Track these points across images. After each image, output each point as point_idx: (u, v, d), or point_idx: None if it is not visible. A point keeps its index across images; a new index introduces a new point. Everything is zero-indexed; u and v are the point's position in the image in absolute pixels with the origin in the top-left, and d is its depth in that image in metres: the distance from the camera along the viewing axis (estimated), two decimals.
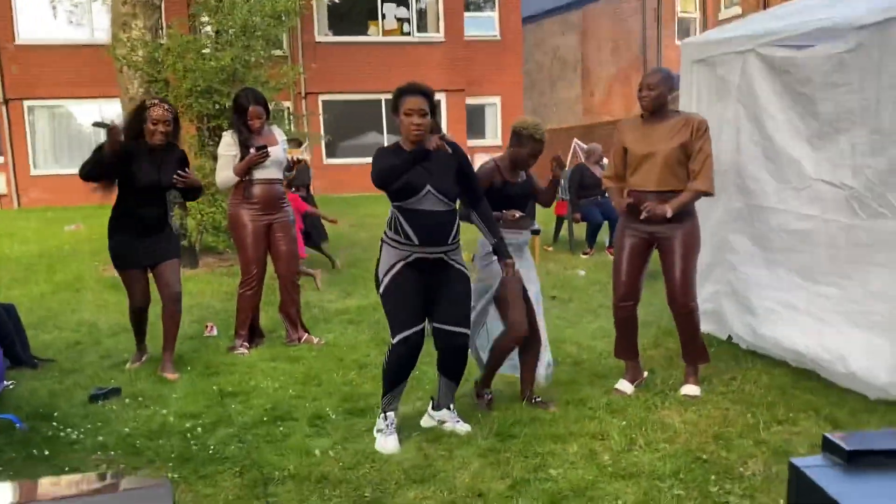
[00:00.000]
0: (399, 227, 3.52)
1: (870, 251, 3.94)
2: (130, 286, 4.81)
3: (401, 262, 3.53)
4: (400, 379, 3.60)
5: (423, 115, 3.48)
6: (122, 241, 4.70)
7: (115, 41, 8.47)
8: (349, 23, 17.86)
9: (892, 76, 3.72)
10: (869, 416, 3.71)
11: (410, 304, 3.52)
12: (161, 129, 4.59)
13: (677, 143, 3.98)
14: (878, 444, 1.11)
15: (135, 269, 4.77)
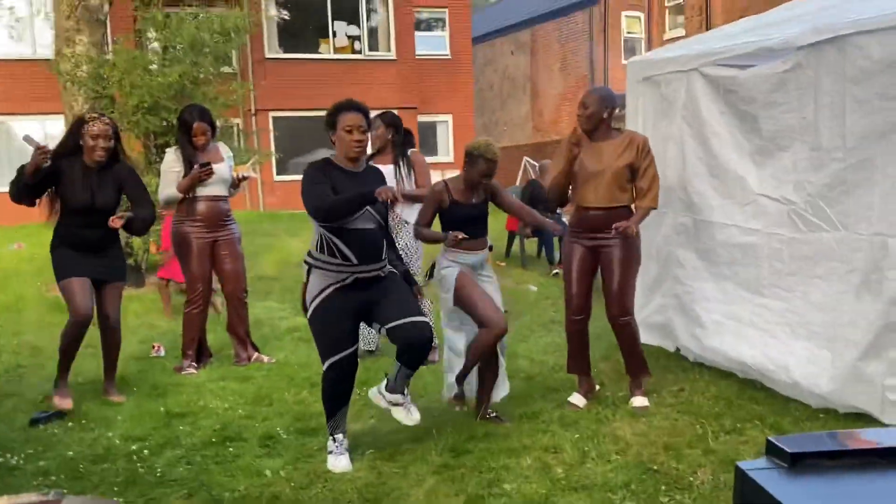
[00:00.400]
0: (333, 248, 3.42)
1: (810, 264, 4.07)
2: (73, 295, 4.31)
3: (333, 286, 3.44)
4: (339, 404, 3.54)
5: (363, 132, 3.46)
6: (65, 253, 4.39)
7: (59, 57, 8.30)
8: (300, 40, 17.81)
9: (828, 95, 3.86)
10: (811, 423, 3.81)
11: (339, 328, 3.44)
12: (101, 146, 4.30)
13: (625, 161, 4.07)
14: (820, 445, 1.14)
15: (78, 277, 4.35)
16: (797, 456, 1.10)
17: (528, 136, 23.22)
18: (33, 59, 14.96)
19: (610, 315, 4.20)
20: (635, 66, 5.44)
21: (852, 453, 1.10)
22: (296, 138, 17.28)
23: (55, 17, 8.59)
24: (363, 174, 3.54)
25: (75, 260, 4.37)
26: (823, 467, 1.08)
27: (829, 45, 3.81)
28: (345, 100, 3.53)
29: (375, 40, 18.36)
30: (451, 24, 19.83)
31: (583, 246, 4.21)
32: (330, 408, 3.55)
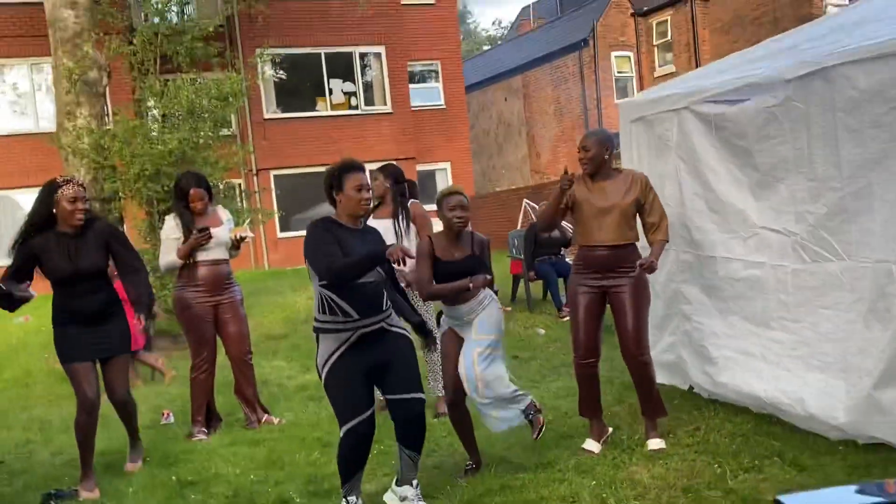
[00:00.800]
0: (333, 306, 3.43)
1: (817, 294, 4.05)
2: (78, 382, 4.20)
3: (341, 349, 3.44)
4: (355, 468, 3.51)
5: (369, 191, 3.54)
6: (66, 332, 4.21)
7: (61, 130, 8.44)
8: (297, 99, 18.08)
9: (819, 126, 3.89)
10: (831, 457, 3.74)
11: (353, 392, 3.43)
12: (80, 207, 4.09)
13: (632, 197, 4.15)
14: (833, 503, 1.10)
15: (81, 363, 4.21)
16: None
17: (527, 179, 23.37)
18: (36, 133, 15.18)
19: (628, 355, 4.17)
20: (626, 107, 5.50)
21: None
22: (297, 195, 17.41)
23: (55, 92, 8.76)
24: (363, 231, 3.59)
25: (76, 340, 4.20)
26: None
27: (816, 77, 3.86)
28: (347, 160, 3.58)
29: (371, 95, 18.62)
30: (443, 75, 20.12)
31: (589, 287, 4.20)
32: (345, 472, 3.52)
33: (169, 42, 11.53)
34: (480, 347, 3.90)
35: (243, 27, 16.86)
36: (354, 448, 3.46)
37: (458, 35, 20.88)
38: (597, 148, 4.15)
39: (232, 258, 5.36)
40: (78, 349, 4.20)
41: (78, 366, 4.20)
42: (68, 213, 4.11)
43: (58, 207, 4.11)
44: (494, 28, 57.00)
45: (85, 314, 4.20)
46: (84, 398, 4.20)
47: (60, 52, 8.47)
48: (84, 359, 4.21)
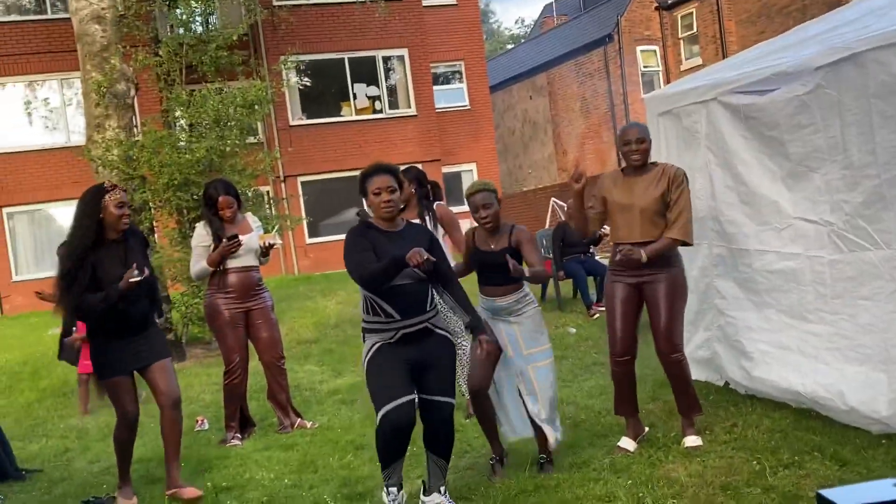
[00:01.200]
0: (376, 307, 3.49)
1: (855, 284, 3.95)
2: (119, 397, 4.09)
3: (381, 343, 3.50)
4: (393, 456, 3.50)
5: (392, 192, 3.53)
6: (108, 345, 4.07)
7: (90, 143, 8.56)
8: (322, 105, 18.19)
9: (852, 113, 3.80)
10: (874, 451, 3.65)
11: (392, 376, 3.44)
12: (127, 213, 4.05)
13: (656, 194, 4.03)
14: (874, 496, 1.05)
15: (123, 377, 4.10)
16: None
17: (554, 178, 23.25)
18: (68, 147, 15.46)
19: (660, 352, 4.11)
20: (653, 100, 5.43)
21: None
22: (325, 201, 17.52)
23: (85, 106, 8.89)
24: (403, 232, 3.59)
25: (118, 353, 4.08)
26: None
27: (848, 63, 3.77)
28: (372, 164, 3.61)
29: (395, 98, 18.67)
30: (467, 75, 20.11)
31: (625, 283, 4.14)
32: (384, 458, 3.51)
33: (194, 52, 11.66)
34: (536, 362, 3.97)
35: (267, 35, 17.00)
36: (389, 433, 3.42)
37: (480, 35, 20.85)
38: (649, 141, 4.11)
39: (261, 265, 5.39)
40: (119, 362, 4.09)
41: (119, 380, 4.09)
42: (115, 219, 4.02)
43: (105, 213, 4.02)
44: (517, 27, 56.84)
45: (131, 322, 4.08)
46: (125, 413, 4.12)
47: (89, 65, 8.60)
48: (125, 372, 4.12)
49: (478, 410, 4.10)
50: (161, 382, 4.17)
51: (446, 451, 3.62)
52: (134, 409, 4.14)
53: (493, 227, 3.99)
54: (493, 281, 4.00)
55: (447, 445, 3.61)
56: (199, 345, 8.87)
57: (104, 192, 4.04)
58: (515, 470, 4.02)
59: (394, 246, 3.47)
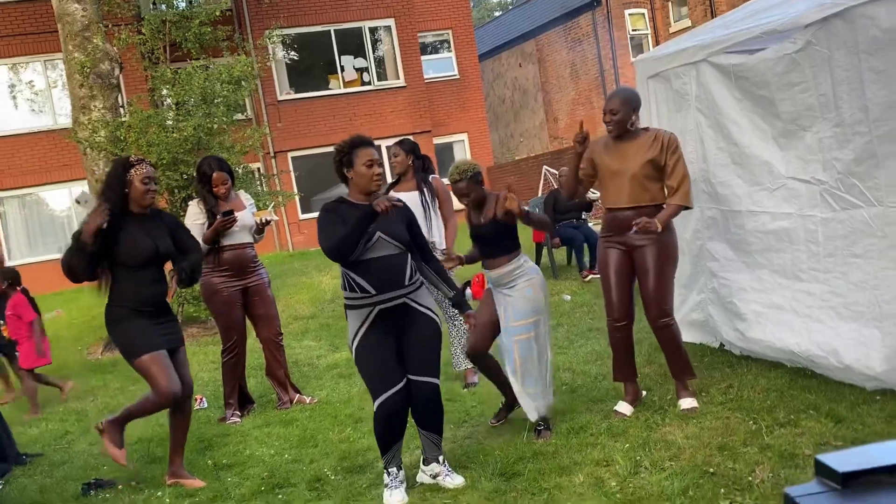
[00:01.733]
0: (352, 282, 3.44)
1: (847, 243, 3.95)
2: (156, 375, 3.82)
3: (365, 325, 3.45)
4: (391, 441, 3.50)
5: (381, 165, 3.50)
6: (133, 324, 3.86)
7: (77, 125, 8.47)
8: (309, 78, 18.00)
9: (843, 69, 3.77)
10: (869, 407, 3.68)
11: (382, 367, 3.43)
12: (152, 188, 3.91)
13: (646, 159, 4.02)
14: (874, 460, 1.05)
15: (152, 353, 3.85)
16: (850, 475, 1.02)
17: (546, 145, 23.15)
18: (55, 129, 15.31)
19: (649, 318, 4.12)
20: (642, 63, 5.38)
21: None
22: (316, 175, 17.42)
23: (69, 87, 8.78)
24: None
25: (145, 330, 3.87)
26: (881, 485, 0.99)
27: (838, 18, 3.73)
28: (355, 136, 3.55)
29: (383, 69, 18.49)
30: (455, 44, 19.91)
31: (617, 249, 4.14)
32: (383, 445, 3.52)
33: (177, 29, 11.51)
34: (519, 335, 3.98)
35: (251, 9, 16.78)
36: (387, 421, 3.44)
37: (468, 2, 20.58)
38: (624, 109, 4.05)
39: (256, 242, 5.37)
40: (147, 340, 3.86)
41: (149, 357, 3.84)
42: (141, 193, 3.91)
43: (130, 187, 3.90)
44: None
45: (155, 302, 3.93)
46: (163, 390, 3.83)
47: (70, 46, 8.48)
48: (158, 347, 3.88)
49: (481, 368, 4.26)
50: (183, 372, 4.02)
51: (435, 427, 3.62)
52: (175, 389, 3.86)
53: (475, 206, 4.07)
54: (484, 253, 4.09)
55: (434, 421, 3.61)
56: (194, 324, 8.87)
57: (130, 166, 3.92)
58: (513, 437, 4.04)
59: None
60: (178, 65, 10.33)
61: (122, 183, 3.90)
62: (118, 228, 3.84)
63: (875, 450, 1.12)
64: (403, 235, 3.51)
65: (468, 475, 3.63)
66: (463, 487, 3.52)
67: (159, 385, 3.83)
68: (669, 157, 4.03)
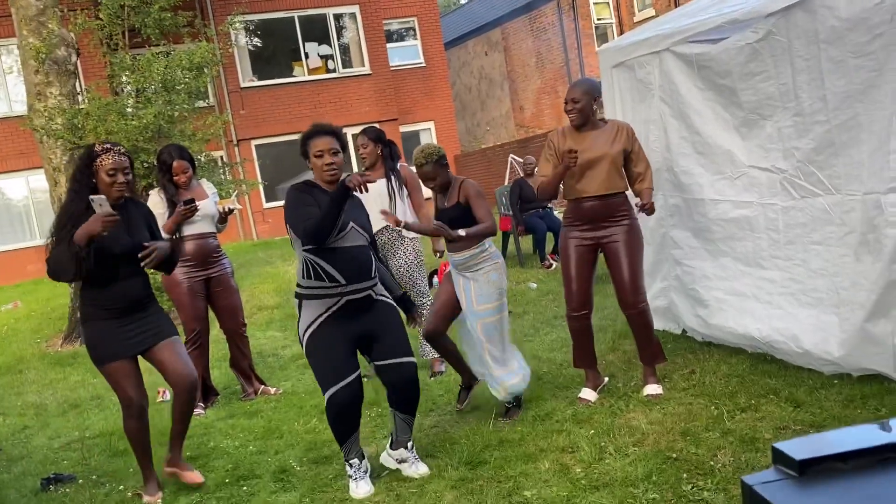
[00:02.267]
0: (319, 271, 3.36)
1: (807, 230, 4.02)
2: (120, 382, 3.63)
3: (324, 315, 3.38)
4: (347, 432, 3.45)
5: (335, 154, 3.43)
6: (101, 328, 3.60)
7: (32, 112, 8.26)
8: (273, 66, 17.78)
9: (803, 59, 3.82)
10: (826, 391, 3.76)
11: (336, 355, 3.36)
12: (121, 180, 3.52)
13: (620, 147, 4.12)
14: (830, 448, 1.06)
15: (122, 361, 3.62)
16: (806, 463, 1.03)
17: (512, 134, 23.19)
18: (10, 117, 14.93)
19: (625, 304, 4.16)
20: (606, 53, 5.40)
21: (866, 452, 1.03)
22: (280, 163, 17.25)
23: (24, 73, 8.55)
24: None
25: (113, 335, 3.61)
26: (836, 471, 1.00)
27: (797, 8, 3.77)
28: (313, 125, 3.50)
29: (348, 57, 18.34)
30: (421, 32, 19.81)
31: (580, 239, 4.18)
32: (339, 436, 3.48)
33: (136, 14, 11.25)
34: (483, 318, 4.01)
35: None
36: (341, 412, 3.38)
37: None
38: (585, 98, 4.10)
39: (219, 232, 5.29)
40: (116, 345, 3.61)
41: (117, 365, 3.61)
42: (106, 186, 3.53)
43: (97, 178, 3.55)
44: None
45: (132, 301, 3.63)
46: (129, 401, 3.65)
47: (25, 30, 8.25)
48: (123, 355, 3.62)
49: (438, 349, 4.30)
50: (172, 361, 3.71)
51: (413, 408, 3.61)
52: (138, 396, 3.66)
53: (441, 190, 4.09)
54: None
55: (414, 401, 3.59)
56: None
57: (95, 156, 3.54)
58: (479, 425, 4.05)
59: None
60: (137, 51, 10.12)
61: (87, 175, 3.54)
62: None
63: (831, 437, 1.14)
64: (369, 227, 3.52)
65: (434, 464, 3.63)
66: (429, 476, 3.52)
67: (120, 394, 3.66)
68: (634, 145, 4.16)
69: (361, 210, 3.53)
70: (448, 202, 4.08)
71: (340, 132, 3.50)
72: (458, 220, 4.01)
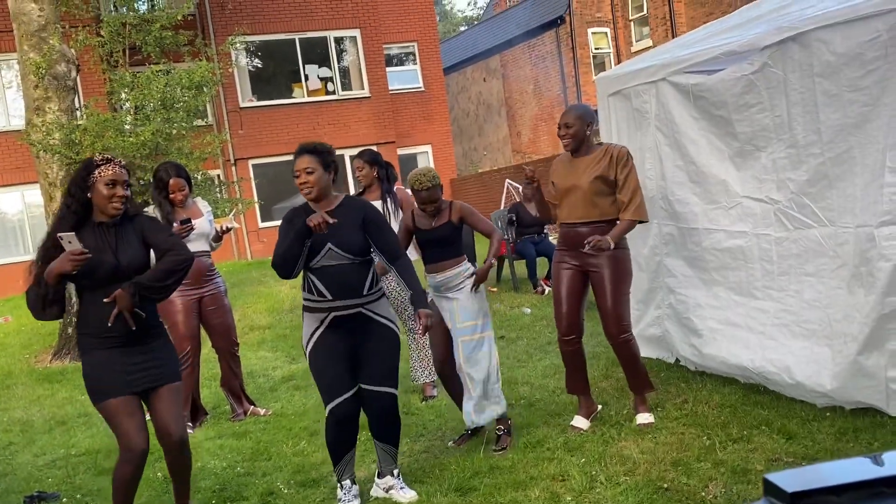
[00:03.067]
0: (311, 285, 3.48)
1: (800, 262, 4.03)
2: (121, 423, 3.19)
3: (320, 329, 3.46)
4: (342, 449, 3.47)
5: (310, 173, 3.44)
6: (98, 359, 3.23)
7: (30, 127, 8.26)
8: (273, 86, 17.86)
9: (798, 92, 3.85)
10: (819, 423, 3.74)
11: (333, 373, 3.43)
12: (119, 193, 3.24)
13: (594, 174, 4.05)
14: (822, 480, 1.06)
15: (124, 397, 3.21)
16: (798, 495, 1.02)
17: (508, 159, 23.30)
18: (8, 131, 14.93)
19: (608, 334, 4.16)
20: (603, 81, 5.44)
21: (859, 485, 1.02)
22: (277, 184, 17.26)
23: (23, 88, 8.56)
24: (333, 213, 3.41)
25: (112, 368, 3.22)
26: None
27: (793, 42, 3.82)
28: (299, 145, 3.53)
29: (348, 80, 18.44)
30: (421, 56, 19.96)
31: (570, 265, 4.19)
32: (333, 454, 3.49)
33: (137, 32, 11.32)
34: (466, 335, 4.03)
35: (214, 15, 16.61)
36: (336, 429, 3.44)
37: (434, 16, 20.66)
38: (578, 124, 4.10)
39: (213, 250, 5.28)
40: (115, 380, 3.21)
41: (117, 402, 3.19)
42: (103, 199, 3.24)
43: (93, 192, 3.26)
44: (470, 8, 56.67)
45: (123, 330, 3.22)
46: (130, 446, 3.19)
47: (26, 46, 8.27)
48: (124, 392, 3.21)
49: (446, 387, 4.28)
50: (166, 416, 3.31)
51: (392, 438, 3.60)
52: (140, 439, 3.22)
53: (435, 212, 4.12)
54: (433, 257, 4.12)
55: (392, 432, 3.59)
56: None
57: (94, 167, 3.26)
58: (470, 452, 4.02)
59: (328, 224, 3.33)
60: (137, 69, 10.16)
61: (83, 188, 3.26)
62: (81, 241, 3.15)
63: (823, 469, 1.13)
64: (356, 245, 3.44)
65: (423, 490, 3.59)
66: (417, 502, 3.48)
67: (121, 437, 3.21)
68: (620, 171, 4.05)
69: (348, 232, 3.43)
70: (436, 222, 4.11)
71: (322, 149, 3.51)
72: (447, 239, 4.09)
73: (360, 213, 3.50)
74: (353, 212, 3.50)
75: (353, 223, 3.47)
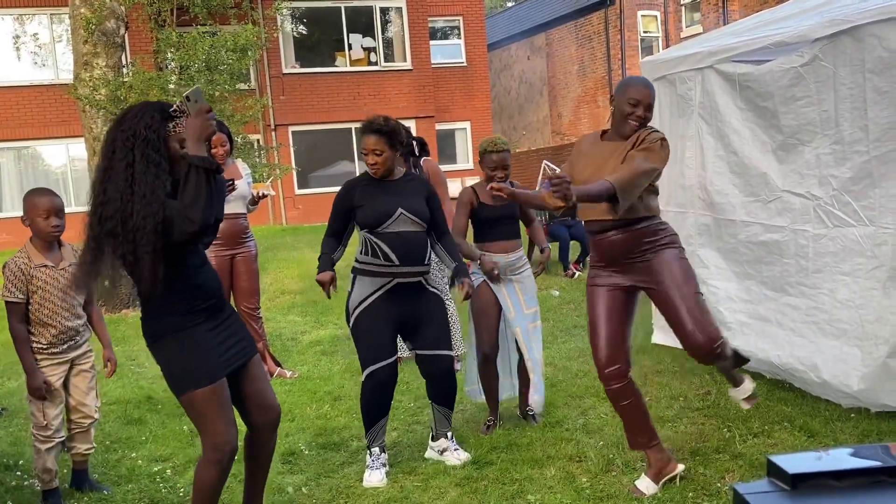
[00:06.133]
0: (376, 249, 3.50)
1: (836, 260, 3.97)
2: (210, 419, 2.63)
3: (377, 293, 3.51)
4: (377, 415, 3.55)
5: (378, 154, 3.51)
6: (192, 338, 2.63)
7: (77, 81, 8.41)
8: (316, 54, 17.91)
9: (847, 87, 3.77)
10: (843, 424, 3.71)
11: (380, 337, 3.50)
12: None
13: (616, 161, 3.12)
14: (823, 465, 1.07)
15: (214, 385, 2.63)
16: (799, 477, 1.04)
17: (547, 140, 23.12)
18: (56, 84, 15.20)
19: (701, 353, 3.10)
20: (649, 65, 5.37)
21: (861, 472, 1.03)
22: (315, 151, 17.37)
23: (73, 42, 8.71)
24: (398, 182, 3.61)
25: (207, 347, 2.66)
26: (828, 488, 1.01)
27: (846, 35, 3.73)
28: (367, 120, 3.57)
29: (391, 51, 18.41)
30: (465, 32, 19.83)
31: (607, 284, 3.22)
32: (368, 419, 3.56)
33: None
34: (530, 322, 4.01)
35: None
36: (373, 392, 3.51)
37: None
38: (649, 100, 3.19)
39: (249, 213, 5.36)
40: (211, 361, 2.65)
41: (210, 389, 2.62)
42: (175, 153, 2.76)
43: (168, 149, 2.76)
44: None
45: (215, 294, 2.74)
46: (220, 445, 2.65)
47: (77, 1, 8.40)
48: (219, 374, 2.66)
49: (485, 375, 4.06)
50: (267, 389, 2.88)
51: (449, 401, 3.70)
52: (232, 437, 2.68)
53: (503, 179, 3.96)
54: (500, 235, 4.01)
55: (449, 395, 3.69)
56: None
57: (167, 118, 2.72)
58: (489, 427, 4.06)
59: (388, 196, 3.51)
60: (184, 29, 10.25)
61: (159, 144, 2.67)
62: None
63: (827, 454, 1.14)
64: (424, 212, 3.57)
65: (441, 461, 3.64)
66: (433, 472, 3.53)
67: (211, 434, 2.65)
68: (635, 150, 3.09)
69: (416, 199, 3.56)
70: (499, 201, 3.93)
71: (389, 129, 3.52)
72: (514, 216, 4.06)
73: (426, 186, 3.70)
74: (419, 183, 3.68)
75: (418, 193, 3.60)
